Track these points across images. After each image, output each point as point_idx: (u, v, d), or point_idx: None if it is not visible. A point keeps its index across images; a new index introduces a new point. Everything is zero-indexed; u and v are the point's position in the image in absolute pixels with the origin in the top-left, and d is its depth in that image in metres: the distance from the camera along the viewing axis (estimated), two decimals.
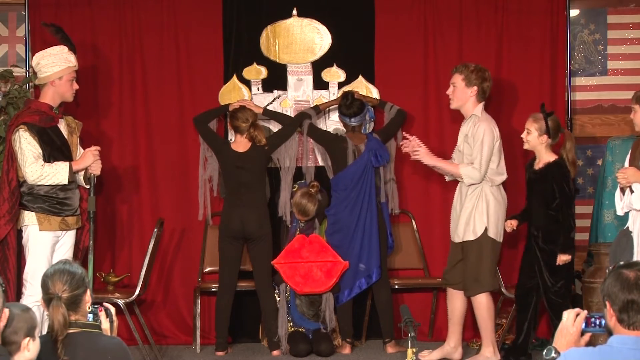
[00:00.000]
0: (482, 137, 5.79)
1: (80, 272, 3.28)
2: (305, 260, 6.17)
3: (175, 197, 6.67)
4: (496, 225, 5.81)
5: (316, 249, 6.20)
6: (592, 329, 2.97)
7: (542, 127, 5.67)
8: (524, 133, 5.75)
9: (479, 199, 5.80)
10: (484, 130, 5.80)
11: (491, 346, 5.81)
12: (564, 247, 5.60)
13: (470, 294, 5.83)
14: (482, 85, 5.87)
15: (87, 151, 5.55)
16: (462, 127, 5.96)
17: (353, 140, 6.35)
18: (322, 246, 6.21)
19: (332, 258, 6.18)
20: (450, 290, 5.97)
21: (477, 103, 5.90)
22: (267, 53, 6.73)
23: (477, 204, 5.79)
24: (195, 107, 6.58)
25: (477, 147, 5.79)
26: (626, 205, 5.20)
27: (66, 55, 5.56)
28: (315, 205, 6.25)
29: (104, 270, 6.43)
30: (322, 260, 6.17)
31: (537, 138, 5.70)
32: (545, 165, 5.70)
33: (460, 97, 5.90)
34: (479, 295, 5.78)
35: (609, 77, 6.97)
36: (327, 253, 6.19)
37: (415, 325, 3.96)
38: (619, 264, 2.91)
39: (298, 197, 6.24)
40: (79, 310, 3.24)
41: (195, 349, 6.38)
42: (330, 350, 6.16)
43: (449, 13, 6.71)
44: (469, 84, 5.86)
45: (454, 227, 5.92)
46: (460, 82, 5.88)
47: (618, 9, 6.99)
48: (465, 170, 5.81)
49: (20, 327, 2.96)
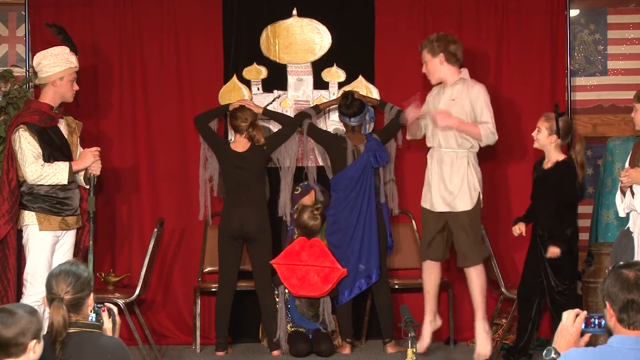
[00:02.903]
0: (483, 97, 5.81)
1: (85, 275, 3.28)
2: (303, 263, 6.16)
3: (175, 197, 6.67)
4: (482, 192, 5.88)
5: (316, 253, 6.19)
6: (591, 329, 2.97)
7: (553, 127, 5.66)
8: (534, 131, 5.75)
9: (469, 167, 5.81)
10: (480, 90, 5.83)
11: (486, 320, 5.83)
12: (556, 240, 5.59)
13: (467, 264, 5.81)
14: (448, 49, 5.86)
15: (87, 151, 5.55)
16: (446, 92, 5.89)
17: (352, 141, 6.35)
18: (322, 251, 6.20)
19: (331, 264, 6.18)
20: (428, 262, 5.97)
21: (456, 68, 5.90)
22: (267, 53, 6.73)
23: (468, 172, 5.80)
24: (195, 107, 6.58)
25: (482, 109, 5.78)
26: (627, 207, 5.19)
27: (67, 55, 5.56)
28: (321, 225, 6.26)
29: (104, 270, 6.44)
30: (321, 265, 6.16)
31: (546, 137, 5.69)
32: (554, 164, 5.69)
33: (432, 70, 5.92)
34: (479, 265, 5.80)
35: (609, 77, 6.97)
36: (326, 258, 6.18)
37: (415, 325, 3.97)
38: (618, 264, 2.91)
39: (305, 219, 6.23)
40: (80, 312, 3.25)
41: (195, 349, 6.38)
42: (330, 350, 6.16)
43: (449, 13, 6.72)
44: (434, 53, 5.88)
45: (439, 196, 5.84)
46: (427, 56, 5.92)
47: (618, 9, 6.99)
48: (484, 130, 5.78)
49: (28, 328, 2.96)
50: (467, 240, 5.79)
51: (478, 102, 5.80)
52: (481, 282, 5.82)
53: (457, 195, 5.79)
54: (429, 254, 5.96)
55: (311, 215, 6.22)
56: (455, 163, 5.82)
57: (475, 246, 5.81)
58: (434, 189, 5.88)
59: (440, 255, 5.94)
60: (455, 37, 5.97)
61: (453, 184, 5.80)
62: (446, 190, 5.82)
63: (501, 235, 6.61)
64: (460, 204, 5.80)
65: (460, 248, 5.85)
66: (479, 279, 5.80)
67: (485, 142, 5.84)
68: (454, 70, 5.89)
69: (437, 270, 5.97)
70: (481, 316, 5.82)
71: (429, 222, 5.96)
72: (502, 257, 6.56)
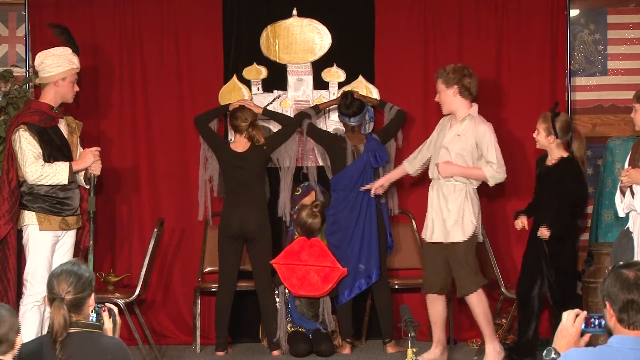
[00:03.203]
0: (489, 137, 5.78)
1: (87, 276, 3.28)
2: (303, 263, 6.16)
3: (175, 197, 6.67)
4: (480, 225, 5.87)
5: (316, 253, 6.19)
6: (591, 329, 2.97)
7: (549, 128, 5.68)
8: (535, 132, 5.77)
9: (466, 200, 5.80)
10: (486, 130, 5.81)
11: (495, 340, 5.81)
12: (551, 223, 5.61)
13: (465, 292, 5.80)
14: (462, 82, 5.83)
15: (87, 151, 5.55)
16: (453, 126, 5.89)
17: (352, 141, 6.35)
18: (322, 251, 6.20)
19: (331, 264, 6.17)
20: (431, 295, 5.95)
21: (467, 103, 5.87)
22: (267, 53, 6.73)
23: (464, 205, 5.79)
24: (195, 107, 6.58)
25: (489, 149, 5.77)
26: (627, 206, 5.20)
27: (70, 56, 5.56)
28: (320, 223, 6.26)
29: (104, 270, 6.43)
30: (321, 265, 6.16)
31: (545, 138, 5.72)
32: (558, 160, 5.72)
33: (446, 100, 5.89)
34: (477, 292, 5.78)
35: (609, 77, 6.97)
36: (326, 258, 6.18)
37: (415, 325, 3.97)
38: (618, 264, 2.91)
39: (304, 217, 6.23)
40: (81, 312, 3.25)
41: (195, 349, 6.38)
42: (330, 350, 6.16)
43: (449, 13, 6.72)
44: (448, 84, 5.84)
45: (437, 227, 5.85)
46: (441, 86, 5.88)
47: (618, 9, 6.98)
48: (490, 172, 5.79)
49: (14, 324, 2.99)
50: (462, 271, 5.79)
51: (484, 142, 5.79)
52: (483, 307, 5.79)
53: (452, 226, 5.79)
54: (429, 287, 5.94)
55: (310, 213, 6.22)
56: (452, 195, 5.82)
57: (471, 276, 5.79)
58: (432, 220, 5.90)
59: (440, 288, 5.90)
60: (471, 71, 5.90)
61: (449, 216, 5.81)
62: (442, 221, 5.83)
63: (500, 235, 6.61)
64: (454, 236, 5.80)
65: (457, 278, 5.86)
66: (479, 304, 5.79)
67: (493, 183, 5.84)
68: (465, 104, 5.86)
69: (441, 302, 5.93)
70: (490, 338, 5.80)
71: (428, 254, 5.97)
72: (502, 257, 6.56)
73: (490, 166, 5.78)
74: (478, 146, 5.80)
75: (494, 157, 5.78)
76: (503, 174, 5.82)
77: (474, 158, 5.82)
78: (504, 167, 5.81)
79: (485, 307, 5.80)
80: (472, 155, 5.82)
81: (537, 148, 5.89)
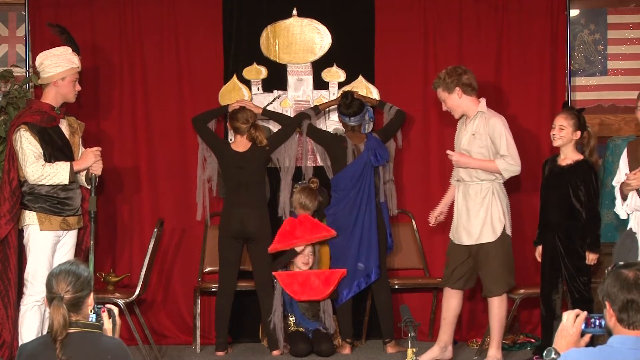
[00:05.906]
0: (499, 130, 5.72)
1: (86, 275, 3.29)
2: (300, 239, 6.15)
3: (176, 197, 6.67)
4: (510, 222, 5.80)
5: (308, 227, 6.18)
6: (592, 329, 2.97)
7: (577, 123, 5.65)
8: (555, 130, 5.67)
9: (493, 198, 5.74)
10: (496, 123, 5.73)
11: (500, 348, 5.80)
12: (591, 245, 5.60)
13: (492, 294, 5.76)
14: (462, 81, 5.78)
15: (88, 151, 5.55)
16: (467, 126, 5.85)
17: (352, 140, 6.35)
18: (312, 223, 6.20)
19: (326, 232, 6.17)
20: (448, 289, 5.93)
21: (474, 98, 5.83)
22: (267, 53, 6.73)
23: (491, 203, 5.74)
24: (195, 107, 6.58)
25: (500, 141, 5.70)
26: (631, 208, 5.16)
27: (70, 56, 5.56)
28: (316, 199, 6.26)
29: (104, 270, 6.44)
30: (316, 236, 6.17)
31: (571, 134, 5.65)
32: (575, 162, 5.66)
33: (454, 105, 5.84)
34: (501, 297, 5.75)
35: (609, 77, 6.98)
36: (319, 228, 6.19)
37: (415, 325, 3.96)
38: (617, 264, 2.91)
39: (298, 191, 6.27)
40: (80, 312, 3.25)
41: (195, 349, 6.39)
42: (330, 350, 6.16)
43: (449, 13, 6.72)
44: (450, 90, 5.79)
45: (463, 229, 5.81)
46: (444, 94, 5.83)
47: (618, 9, 6.99)
48: (502, 164, 5.72)
49: None
50: (490, 272, 5.74)
51: (495, 135, 5.72)
52: (501, 313, 5.77)
53: (481, 227, 5.73)
54: (450, 281, 5.90)
55: (305, 187, 6.29)
56: (479, 195, 5.76)
57: (500, 278, 5.74)
58: (460, 222, 5.84)
59: (461, 285, 5.88)
60: (464, 67, 5.88)
61: (477, 216, 5.75)
62: (470, 222, 5.77)
63: None
64: (483, 236, 5.75)
65: (484, 279, 5.81)
66: (500, 310, 5.76)
67: (507, 175, 5.76)
68: (473, 101, 5.81)
69: (457, 298, 5.90)
70: (496, 344, 5.79)
71: (454, 252, 5.91)
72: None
73: (504, 159, 5.71)
74: (492, 141, 5.77)
75: (505, 149, 5.70)
76: (517, 166, 5.73)
77: (493, 153, 5.77)
78: (517, 159, 5.72)
79: (503, 313, 5.78)
80: (490, 150, 5.76)
81: (555, 146, 5.77)
